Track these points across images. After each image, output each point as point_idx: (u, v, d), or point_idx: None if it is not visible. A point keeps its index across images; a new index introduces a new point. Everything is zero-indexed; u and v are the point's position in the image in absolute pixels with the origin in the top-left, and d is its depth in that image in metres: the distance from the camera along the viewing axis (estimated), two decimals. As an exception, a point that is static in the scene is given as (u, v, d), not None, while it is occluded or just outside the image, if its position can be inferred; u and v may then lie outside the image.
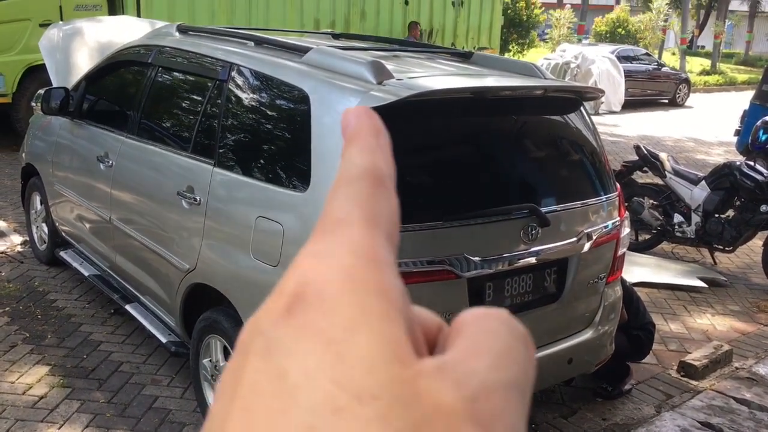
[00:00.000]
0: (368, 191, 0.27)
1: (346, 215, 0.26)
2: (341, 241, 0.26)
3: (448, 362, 0.25)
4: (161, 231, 3.63)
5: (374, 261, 0.25)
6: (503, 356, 0.26)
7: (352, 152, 0.29)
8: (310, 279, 0.25)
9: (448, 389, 0.23)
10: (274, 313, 0.25)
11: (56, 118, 4.82)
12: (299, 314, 0.24)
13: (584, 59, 15.80)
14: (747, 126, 8.83)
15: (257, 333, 0.25)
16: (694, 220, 6.09)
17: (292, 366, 0.23)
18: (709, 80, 24.11)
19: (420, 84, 2.91)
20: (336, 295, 0.24)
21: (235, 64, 3.40)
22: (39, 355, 4.08)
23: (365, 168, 0.28)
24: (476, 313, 0.28)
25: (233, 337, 3.13)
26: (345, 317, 0.24)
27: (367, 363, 0.23)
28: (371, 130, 0.30)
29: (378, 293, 0.24)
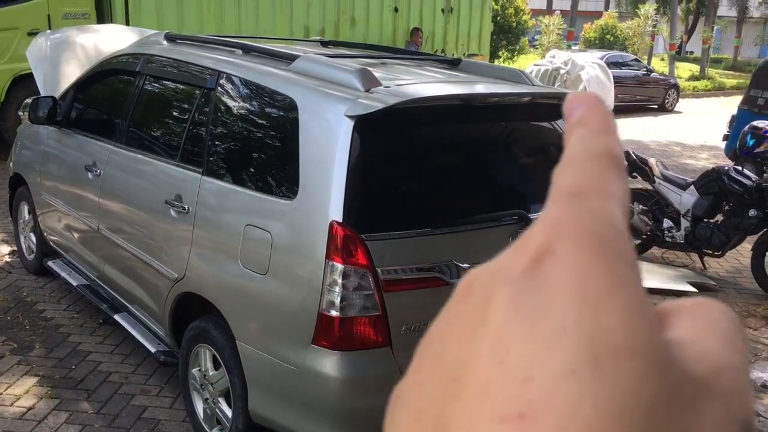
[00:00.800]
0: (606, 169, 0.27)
1: (585, 186, 0.26)
2: (586, 207, 0.26)
3: (686, 338, 0.26)
4: (150, 240, 3.62)
5: (616, 229, 0.25)
6: (731, 340, 0.27)
7: (585, 134, 0.29)
8: (557, 237, 0.25)
9: (695, 361, 0.24)
10: (519, 264, 0.25)
11: (44, 128, 4.80)
12: (550, 268, 0.24)
13: (574, 65, 15.84)
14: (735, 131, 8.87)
15: (500, 282, 0.25)
16: (683, 225, 6.11)
17: (549, 318, 0.23)
18: (698, 85, 24.24)
19: (407, 91, 2.91)
20: (587, 257, 0.24)
21: (223, 72, 3.39)
22: (27, 365, 4.05)
23: (602, 148, 0.28)
24: (696, 300, 0.28)
25: (222, 346, 3.12)
26: (599, 278, 0.24)
27: (625, 322, 0.23)
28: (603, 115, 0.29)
29: (626, 261, 0.25)
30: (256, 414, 2.99)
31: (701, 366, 0.25)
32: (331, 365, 2.68)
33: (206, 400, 3.34)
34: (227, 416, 3.19)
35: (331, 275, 2.63)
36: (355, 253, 2.62)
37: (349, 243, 2.62)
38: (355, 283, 2.63)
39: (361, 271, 2.63)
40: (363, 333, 2.69)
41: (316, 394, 2.72)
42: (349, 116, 2.70)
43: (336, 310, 2.64)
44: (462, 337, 0.25)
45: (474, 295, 0.26)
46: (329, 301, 2.64)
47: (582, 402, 0.22)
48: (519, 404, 0.22)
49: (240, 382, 3.02)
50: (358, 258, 2.63)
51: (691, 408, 0.23)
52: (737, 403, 0.25)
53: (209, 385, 3.30)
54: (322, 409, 2.74)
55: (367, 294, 2.65)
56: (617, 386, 0.22)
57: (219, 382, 3.23)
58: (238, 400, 3.07)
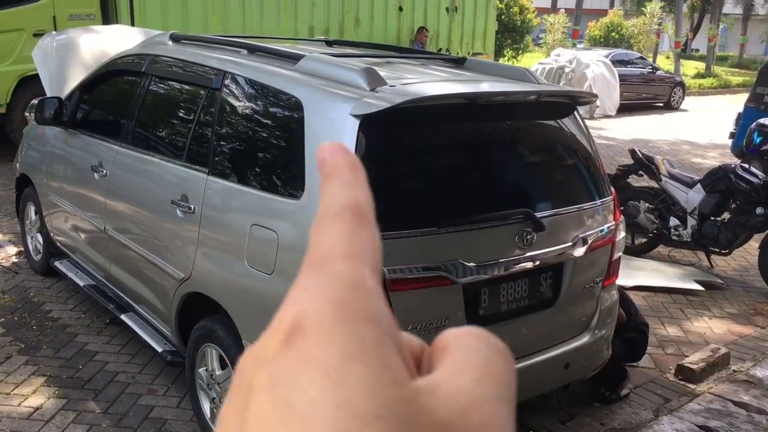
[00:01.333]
0: (350, 225, 0.29)
1: (331, 250, 0.28)
2: (330, 275, 0.27)
3: (438, 380, 0.27)
4: (156, 240, 3.62)
5: (363, 290, 0.27)
6: (486, 371, 0.27)
7: (332, 187, 0.30)
8: (305, 311, 0.26)
9: (442, 406, 0.25)
10: (274, 346, 0.26)
11: (50, 128, 4.81)
12: (298, 346, 0.25)
13: (579, 63, 15.83)
14: (742, 129, 8.84)
15: (259, 366, 0.26)
16: (689, 224, 6.09)
17: (297, 396, 0.24)
18: (704, 83, 24.18)
19: (413, 90, 2.91)
20: (331, 326, 0.25)
21: (228, 72, 3.40)
22: (34, 366, 4.06)
23: (346, 203, 0.29)
24: (456, 332, 0.30)
25: (229, 346, 3.12)
26: (341, 346, 0.25)
27: (367, 387, 0.24)
28: (348, 165, 0.31)
29: (369, 321, 0.26)
30: (262, 413, 2.99)
31: (449, 408, 0.25)
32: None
33: (213, 400, 3.35)
34: (234, 416, 3.19)
35: (337, 274, 2.62)
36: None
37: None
38: (361, 282, 2.62)
39: (367, 270, 2.62)
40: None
41: None
42: (355, 115, 2.70)
43: (342, 309, 2.63)
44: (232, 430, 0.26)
45: (241, 384, 0.27)
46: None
47: None
48: None
49: (246, 381, 3.02)
50: (364, 257, 2.62)
51: None
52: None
53: (216, 384, 3.30)
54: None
55: (373, 293, 2.64)
56: None
57: (226, 381, 3.23)
58: (244, 399, 3.07)
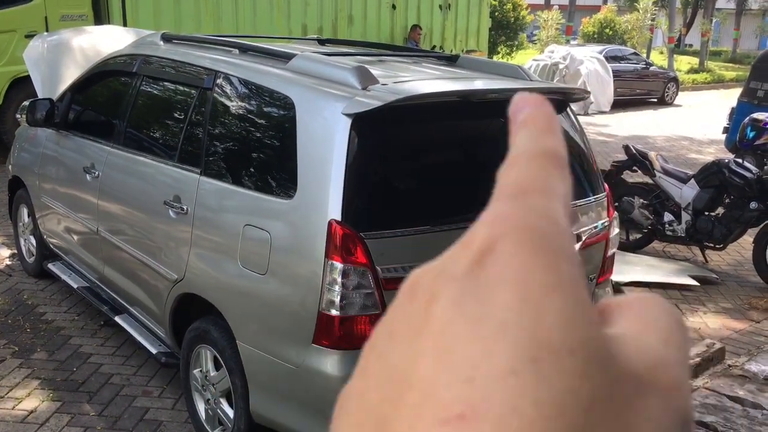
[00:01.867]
0: (547, 168, 0.28)
1: (526, 185, 0.27)
2: (528, 205, 0.26)
3: (626, 333, 0.26)
4: (149, 241, 3.61)
5: (559, 228, 0.26)
6: (671, 335, 0.27)
7: (527, 133, 0.29)
8: (500, 234, 0.25)
9: (633, 357, 0.25)
10: (463, 263, 0.25)
11: (42, 130, 4.79)
12: (493, 267, 0.24)
13: (572, 60, 15.84)
14: (735, 123, 8.86)
15: (444, 279, 0.25)
16: (684, 219, 6.10)
17: (491, 315, 0.23)
18: (698, 78, 24.21)
19: (405, 88, 2.90)
20: (529, 254, 0.24)
21: (220, 72, 3.38)
22: (28, 368, 4.04)
23: (546, 148, 0.28)
24: (637, 296, 0.29)
25: (223, 347, 3.11)
26: (540, 275, 0.24)
27: (564, 321, 0.23)
28: (547, 116, 0.30)
29: (567, 258, 0.25)
30: (257, 414, 2.98)
31: (640, 362, 0.25)
32: (332, 364, 2.67)
33: (208, 401, 3.34)
34: (229, 417, 3.19)
35: (331, 274, 2.62)
36: (355, 252, 2.61)
37: (348, 242, 2.61)
38: (354, 281, 2.62)
39: (361, 269, 2.62)
40: (364, 332, 2.68)
41: (318, 393, 2.71)
42: (347, 114, 2.69)
43: (336, 309, 2.63)
44: (406, 339, 0.25)
45: (418, 297, 0.26)
46: (329, 300, 2.63)
47: (521, 401, 0.22)
48: (460, 405, 0.22)
49: (241, 382, 3.02)
50: (358, 256, 2.62)
51: (630, 404, 0.24)
52: (676, 398, 0.25)
53: (211, 385, 3.29)
54: (323, 408, 2.73)
55: (367, 293, 2.64)
56: (556, 385, 0.22)
57: (220, 382, 3.22)
58: (239, 400, 3.06)
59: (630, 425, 0.23)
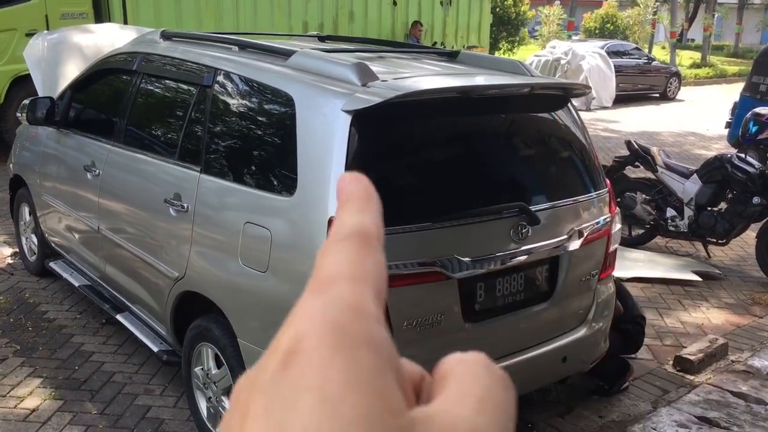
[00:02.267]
0: (357, 251, 0.29)
1: (336, 273, 0.28)
2: (332, 298, 0.27)
3: (437, 410, 0.26)
4: (150, 239, 3.60)
5: (364, 316, 0.26)
6: (486, 400, 0.27)
7: (343, 214, 0.31)
8: (304, 335, 0.26)
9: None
10: (271, 368, 0.26)
11: (43, 128, 4.79)
12: (295, 369, 0.25)
13: (574, 55, 15.81)
14: (738, 118, 8.84)
15: (255, 389, 0.26)
16: (686, 214, 6.08)
17: (292, 422, 0.24)
18: (700, 73, 24.15)
19: (405, 85, 2.89)
20: (329, 351, 0.25)
21: (220, 69, 3.37)
22: (30, 367, 4.04)
23: (355, 229, 0.30)
24: (456, 359, 0.29)
25: (224, 344, 3.10)
26: (338, 373, 0.24)
27: (363, 417, 0.23)
28: (363, 194, 0.32)
29: (369, 348, 0.26)
30: (259, 412, 2.97)
31: None
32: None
33: (209, 399, 3.33)
34: (231, 415, 3.18)
35: (331, 271, 2.60)
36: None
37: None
38: (355, 279, 2.61)
39: (362, 266, 2.61)
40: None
41: None
42: (346, 111, 2.68)
43: (337, 306, 2.62)
44: None
45: (238, 406, 0.27)
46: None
47: None
48: None
49: (242, 380, 3.01)
50: (358, 254, 2.60)
51: None
52: None
53: (212, 383, 3.29)
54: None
55: (368, 290, 2.63)
56: None
57: (222, 380, 3.22)
58: (241, 398, 3.05)
59: None
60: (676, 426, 3.61)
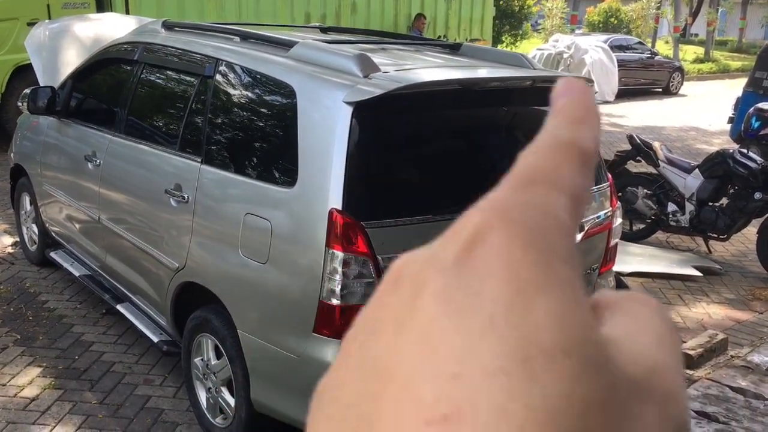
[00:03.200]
0: (569, 161, 0.26)
1: (540, 176, 0.26)
2: (529, 197, 0.25)
3: (621, 334, 0.25)
4: (150, 230, 3.60)
5: (559, 225, 0.24)
6: (665, 338, 0.26)
7: (561, 122, 0.28)
8: (492, 226, 0.24)
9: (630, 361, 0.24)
10: (451, 251, 0.24)
11: (44, 118, 4.78)
12: (481, 257, 0.23)
13: (577, 49, 15.76)
14: (740, 113, 8.80)
15: (433, 267, 0.24)
16: (687, 209, 6.07)
17: (479, 309, 0.22)
18: (703, 68, 24.07)
19: (407, 77, 2.88)
20: (519, 249, 0.23)
21: (221, 59, 3.36)
22: (30, 356, 4.05)
23: (573, 139, 0.27)
24: (628, 295, 0.28)
25: (224, 336, 3.11)
26: (532, 271, 0.23)
27: (558, 320, 0.22)
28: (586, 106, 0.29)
29: (562, 258, 0.24)
30: (258, 403, 2.98)
31: (636, 367, 0.24)
32: (333, 354, 2.66)
33: (209, 390, 3.34)
34: (230, 405, 3.19)
35: (332, 263, 2.61)
36: (356, 241, 2.60)
37: (349, 231, 2.59)
38: (355, 271, 2.61)
39: (362, 258, 2.61)
40: (364, 321, 2.67)
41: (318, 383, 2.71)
42: (348, 102, 2.67)
43: (337, 298, 2.62)
44: (390, 330, 0.23)
45: (403, 286, 0.24)
46: (330, 289, 2.63)
47: (511, 404, 0.21)
48: (444, 405, 0.21)
49: (242, 371, 3.02)
50: (359, 246, 2.60)
51: (625, 410, 0.22)
52: (672, 406, 0.24)
53: (212, 374, 3.29)
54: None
55: (368, 282, 2.63)
56: (549, 388, 0.21)
57: (221, 371, 3.22)
58: (240, 389, 3.06)
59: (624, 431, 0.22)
60: (675, 420, 3.61)
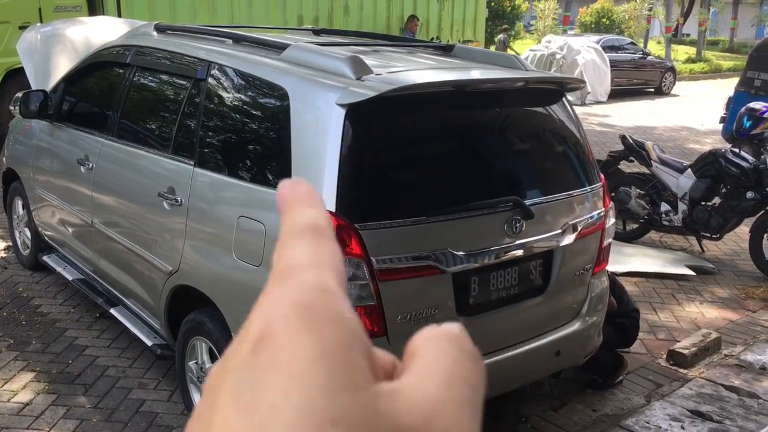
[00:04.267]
0: (312, 242, 0.30)
1: (296, 262, 0.29)
2: (296, 282, 0.28)
3: (403, 386, 0.27)
4: (143, 233, 3.59)
5: (328, 294, 0.27)
6: (453, 375, 0.28)
7: (291, 213, 0.32)
8: (272, 318, 0.27)
9: (404, 411, 0.25)
10: (241, 354, 0.27)
11: (36, 122, 4.77)
12: (265, 352, 0.26)
13: (570, 50, 15.80)
14: (732, 113, 8.84)
15: (225, 374, 0.27)
16: (680, 209, 6.09)
17: (261, 400, 0.24)
18: (695, 68, 24.16)
19: (399, 78, 2.88)
20: (297, 329, 0.26)
21: (214, 62, 3.36)
22: (24, 361, 4.03)
23: (306, 224, 0.31)
24: (427, 335, 0.30)
25: (218, 338, 3.10)
26: (305, 350, 0.25)
27: (327, 390, 0.24)
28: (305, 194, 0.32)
29: (335, 323, 0.26)
30: (253, 406, 2.97)
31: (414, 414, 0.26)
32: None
33: (203, 393, 3.33)
34: (225, 408, 3.18)
35: (325, 265, 2.60)
36: (349, 243, 2.60)
37: (342, 232, 2.59)
38: (349, 272, 2.61)
39: (356, 260, 2.61)
40: (359, 323, 2.67)
41: None
42: (341, 105, 2.67)
43: (331, 300, 2.61)
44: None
45: (209, 394, 0.27)
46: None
47: None
48: None
49: (236, 374, 3.00)
50: (352, 247, 2.60)
51: None
52: None
53: (206, 377, 3.28)
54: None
55: (362, 284, 2.63)
56: None
57: (216, 374, 3.21)
58: (234, 392, 3.05)
59: None
60: (669, 419, 3.63)
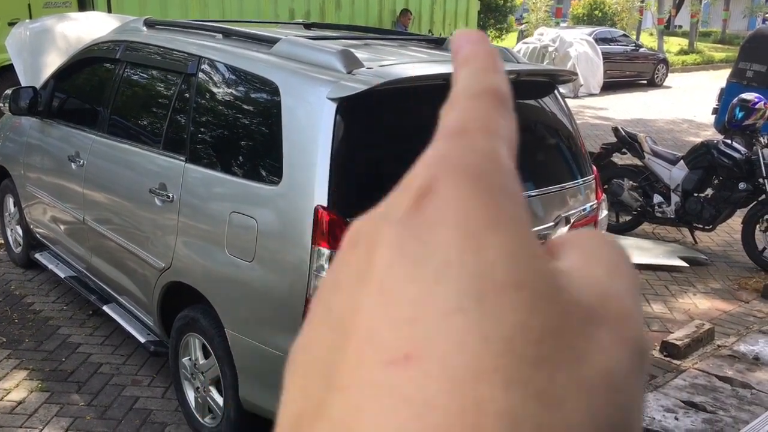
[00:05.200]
0: (489, 107, 0.27)
1: (470, 125, 0.26)
2: (467, 144, 0.25)
3: (572, 267, 0.26)
4: (135, 230, 3.58)
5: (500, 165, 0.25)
6: (618, 267, 0.27)
7: (469, 72, 0.28)
8: (438, 175, 0.24)
9: (582, 289, 0.24)
10: (403, 205, 0.25)
11: (27, 119, 4.74)
12: (431, 207, 0.24)
13: (562, 42, 15.79)
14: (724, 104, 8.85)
15: (385, 224, 0.25)
16: (673, 200, 6.10)
17: (432, 254, 0.23)
18: (687, 60, 24.19)
19: (391, 72, 2.87)
20: (468, 192, 0.24)
21: (204, 57, 3.34)
22: (17, 359, 4.02)
23: (487, 86, 0.28)
24: (581, 232, 0.29)
25: (211, 335, 3.09)
26: (481, 212, 0.23)
27: (508, 256, 0.23)
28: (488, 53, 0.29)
29: (509, 196, 0.24)
30: (247, 402, 2.97)
31: (589, 294, 0.25)
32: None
33: (197, 389, 3.32)
34: (219, 405, 3.18)
35: (318, 260, 2.60)
36: (341, 238, 2.59)
37: (335, 227, 2.59)
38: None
39: (348, 255, 2.60)
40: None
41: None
42: (332, 99, 2.66)
43: (324, 295, 2.61)
44: (349, 287, 0.24)
45: (359, 245, 0.25)
46: (316, 286, 2.62)
47: (468, 338, 0.21)
48: (405, 345, 0.22)
49: (230, 370, 3.00)
50: (345, 242, 2.59)
51: (581, 335, 0.23)
52: (627, 328, 0.25)
53: (200, 374, 3.28)
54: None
55: (355, 278, 2.62)
56: (504, 319, 0.22)
57: (209, 370, 3.21)
58: (228, 388, 3.05)
59: (581, 356, 0.23)
60: (663, 410, 3.64)
